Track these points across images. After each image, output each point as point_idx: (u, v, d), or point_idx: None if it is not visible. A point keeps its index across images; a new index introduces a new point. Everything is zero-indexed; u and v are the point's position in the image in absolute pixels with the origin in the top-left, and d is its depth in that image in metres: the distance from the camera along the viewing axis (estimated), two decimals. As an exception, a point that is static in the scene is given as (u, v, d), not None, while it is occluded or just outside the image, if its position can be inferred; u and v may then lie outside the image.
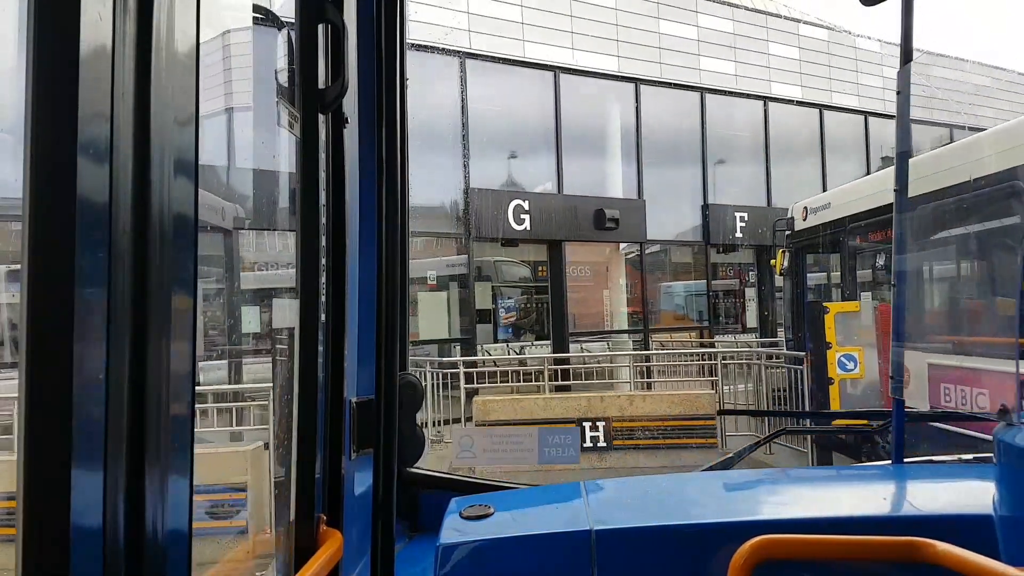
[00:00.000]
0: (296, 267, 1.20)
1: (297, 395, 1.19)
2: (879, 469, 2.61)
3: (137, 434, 0.64)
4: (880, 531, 1.45)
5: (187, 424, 0.73)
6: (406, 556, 1.89)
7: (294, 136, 1.19)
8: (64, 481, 0.56)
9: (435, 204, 12.52)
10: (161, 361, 0.68)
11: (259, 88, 2.29)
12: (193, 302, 0.74)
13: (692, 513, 1.75)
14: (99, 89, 0.59)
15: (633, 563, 1.53)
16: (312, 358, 1.21)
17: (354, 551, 1.41)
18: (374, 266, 1.49)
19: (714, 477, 2.18)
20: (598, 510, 1.67)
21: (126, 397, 0.63)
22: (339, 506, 1.31)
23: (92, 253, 0.58)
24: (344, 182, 1.32)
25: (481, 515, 1.65)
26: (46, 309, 0.56)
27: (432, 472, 2.20)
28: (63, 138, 0.56)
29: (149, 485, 0.65)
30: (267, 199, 7.90)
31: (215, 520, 4.84)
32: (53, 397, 0.56)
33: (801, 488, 2.08)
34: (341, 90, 1.23)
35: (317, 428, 1.22)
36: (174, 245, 0.69)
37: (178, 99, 0.70)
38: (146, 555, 0.65)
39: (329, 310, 1.30)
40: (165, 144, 0.67)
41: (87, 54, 0.57)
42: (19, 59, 0.57)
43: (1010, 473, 1.50)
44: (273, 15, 1.30)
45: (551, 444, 2.19)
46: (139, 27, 0.64)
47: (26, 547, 0.56)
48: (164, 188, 0.67)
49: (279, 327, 2.28)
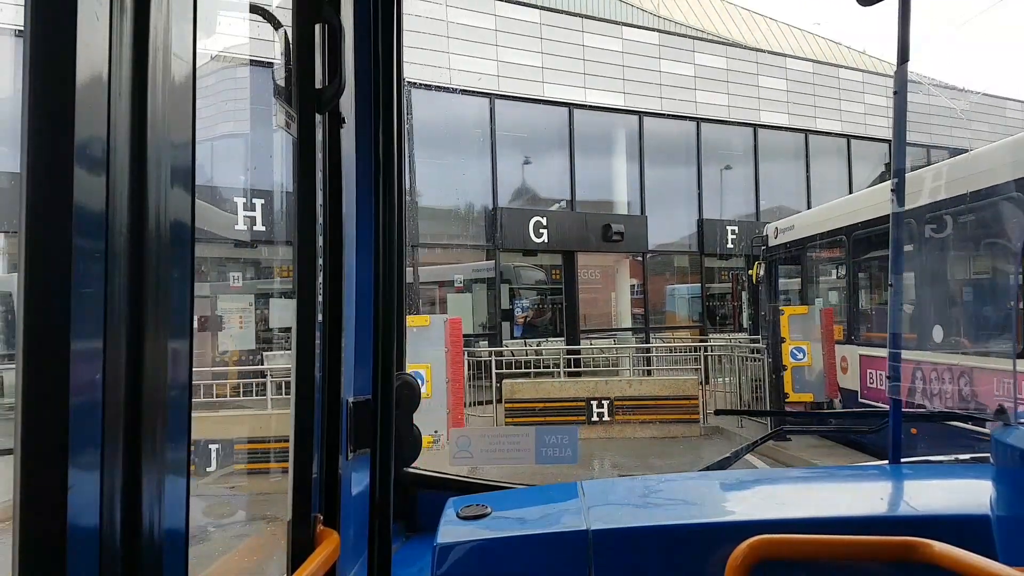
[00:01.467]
0: (293, 267, 1.18)
1: (294, 395, 1.17)
2: (876, 469, 2.60)
3: (133, 434, 0.64)
4: (877, 531, 1.43)
5: (184, 424, 0.72)
6: (403, 556, 1.88)
7: (291, 136, 1.18)
8: (60, 480, 0.56)
9: (468, 219, 14.73)
10: (157, 362, 0.67)
11: (255, 87, 2.20)
12: (190, 303, 0.73)
13: (689, 513, 1.74)
14: (96, 89, 0.59)
15: (630, 563, 1.51)
16: (309, 358, 1.18)
17: (351, 551, 1.39)
18: (371, 266, 1.48)
19: (711, 477, 2.17)
20: (595, 510, 1.65)
21: (122, 397, 0.63)
22: (336, 506, 1.30)
23: (89, 254, 0.58)
24: (341, 182, 1.30)
25: (478, 515, 1.65)
26: (43, 310, 0.56)
27: (429, 472, 2.19)
28: (60, 138, 0.56)
29: (146, 485, 0.65)
30: (267, 198, 7.82)
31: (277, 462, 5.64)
32: (50, 397, 0.56)
33: (798, 488, 2.07)
34: (338, 90, 1.21)
35: (314, 428, 1.20)
36: (171, 246, 0.69)
37: (175, 99, 0.70)
38: (143, 554, 0.65)
39: (326, 310, 1.29)
40: (161, 144, 0.67)
41: (83, 54, 0.57)
42: (16, 59, 0.57)
43: (1007, 473, 1.48)
44: (270, 15, 1.28)
45: (548, 444, 2.13)
46: (136, 27, 0.64)
47: (23, 547, 0.55)
48: (161, 188, 0.67)
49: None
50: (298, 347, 1.17)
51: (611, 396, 10.76)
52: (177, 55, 0.70)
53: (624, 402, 10.74)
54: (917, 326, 4.17)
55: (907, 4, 2.07)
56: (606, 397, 10.74)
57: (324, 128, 1.24)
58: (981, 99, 19.95)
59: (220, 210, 7.76)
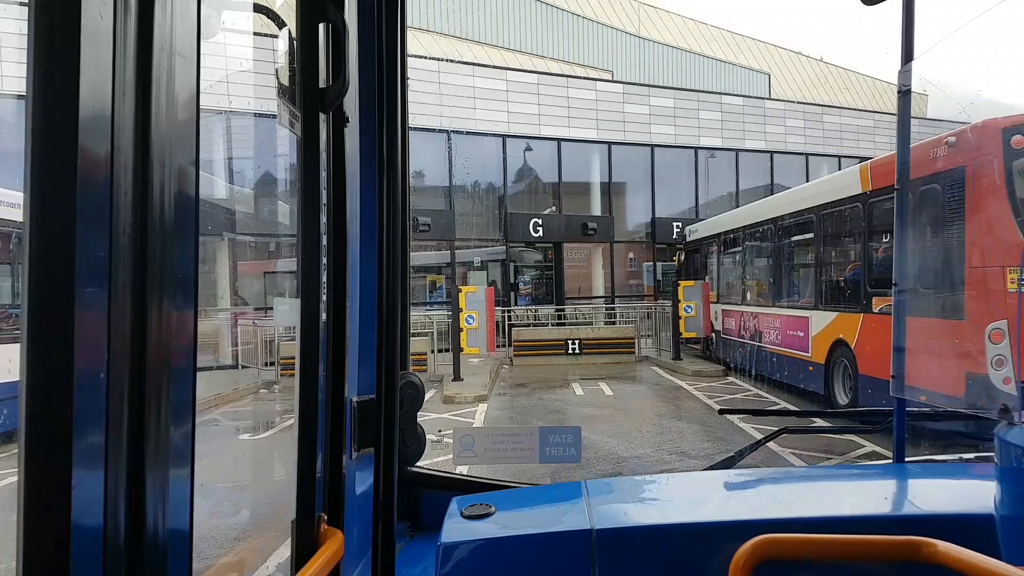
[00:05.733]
0: (297, 266, 1.18)
1: (298, 394, 1.17)
2: (880, 468, 2.62)
3: (138, 432, 0.64)
4: (881, 530, 1.43)
5: (188, 421, 0.73)
6: (407, 555, 1.88)
7: (295, 135, 1.18)
8: (65, 479, 0.56)
9: (486, 221, 21.17)
10: (162, 358, 0.67)
11: (260, 87, 2.43)
12: (194, 299, 0.73)
13: (693, 512, 1.73)
14: (100, 87, 0.59)
15: (634, 562, 1.50)
16: (313, 357, 1.18)
17: (355, 550, 1.39)
18: (375, 265, 1.48)
19: (715, 476, 2.17)
20: (599, 509, 1.64)
21: (126, 395, 0.63)
22: (340, 505, 1.29)
23: (93, 251, 0.58)
24: (345, 181, 1.30)
25: (482, 514, 1.64)
26: (47, 306, 0.56)
27: (433, 471, 2.20)
28: (64, 136, 0.55)
29: (150, 483, 0.65)
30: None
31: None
32: (54, 395, 0.55)
33: (802, 487, 2.06)
34: (342, 89, 1.21)
35: (318, 427, 1.20)
36: (175, 243, 0.69)
37: (179, 97, 0.69)
38: (147, 554, 0.65)
39: (330, 309, 1.28)
40: (165, 141, 0.67)
41: (88, 52, 0.57)
42: (20, 57, 0.56)
43: (1011, 472, 1.47)
44: (274, 14, 1.25)
45: (552, 443, 2.10)
46: (140, 26, 0.64)
47: (27, 546, 0.55)
48: (165, 186, 0.67)
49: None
50: (302, 346, 1.17)
51: (581, 338, 16.90)
52: (181, 54, 0.70)
53: (589, 341, 16.97)
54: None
55: (911, 4, 2.09)
56: (578, 338, 16.98)
57: (328, 127, 1.25)
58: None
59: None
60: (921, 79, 2.19)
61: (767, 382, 12.01)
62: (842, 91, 31.97)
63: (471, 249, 21.34)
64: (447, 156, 19.94)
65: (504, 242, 21.07)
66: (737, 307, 14.27)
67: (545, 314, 19.93)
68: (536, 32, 26.08)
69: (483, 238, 21.10)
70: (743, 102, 24.96)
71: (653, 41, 29.38)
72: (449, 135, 19.49)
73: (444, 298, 19.26)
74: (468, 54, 21.43)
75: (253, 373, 12.80)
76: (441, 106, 18.60)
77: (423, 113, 18.12)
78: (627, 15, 29.10)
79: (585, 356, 16.54)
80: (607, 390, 12.59)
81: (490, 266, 21.76)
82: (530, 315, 20.21)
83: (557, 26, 26.70)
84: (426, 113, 18.26)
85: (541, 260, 22.76)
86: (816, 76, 33.17)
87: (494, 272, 21.67)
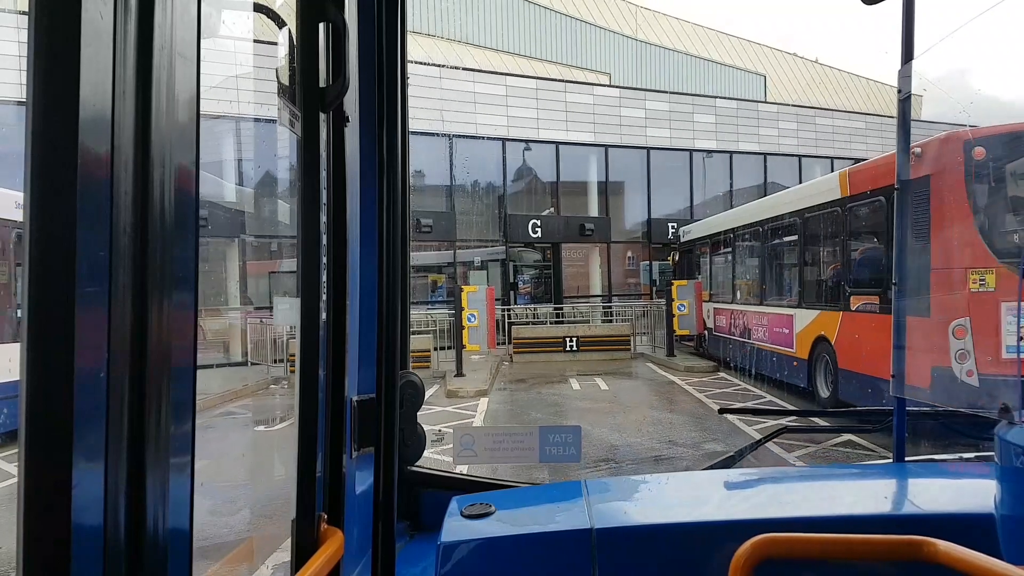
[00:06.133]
0: (297, 265, 1.18)
1: (298, 393, 1.17)
2: (880, 468, 2.59)
3: (138, 432, 0.64)
4: (881, 530, 1.41)
5: (189, 421, 0.73)
6: (407, 555, 1.88)
7: (295, 135, 1.17)
8: (65, 479, 0.55)
9: (486, 222, 21.72)
10: (162, 358, 0.67)
11: (260, 86, 2.36)
12: (194, 299, 0.73)
13: (693, 512, 1.73)
14: (100, 87, 0.59)
15: (634, 562, 1.50)
16: (313, 356, 1.18)
17: (355, 550, 1.39)
18: (375, 264, 1.48)
19: (715, 476, 2.16)
20: (599, 509, 1.64)
21: (126, 395, 0.63)
22: (340, 505, 1.29)
23: (93, 251, 0.58)
24: (345, 181, 1.30)
25: (482, 514, 1.64)
26: (47, 306, 0.56)
27: (433, 471, 2.19)
28: (65, 136, 0.55)
29: (150, 483, 0.65)
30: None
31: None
32: (54, 394, 0.55)
33: (802, 487, 2.06)
34: (342, 89, 1.21)
35: (318, 427, 1.20)
36: (175, 243, 0.69)
37: (179, 97, 0.69)
38: (147, 554, 0.65)
39: (330, 308, 1.28)
40: (166, 141, 0.67)
41: (88, 52, 0.56)
42: (20, 57, 0.56)
43: (1012, 472, 1.47)
44: (274, 14, 1.25)
45: (552, 443, 2.10)
46: (140, 26, 0.64)
47: (27, 545, 0.55)
48: (166, 186, 0.67)
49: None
50: (302, 346, 1.17)
51: (578, 335, 17.37)
52: (181, 54, 0.69)
53: (586, 339, 17.41)
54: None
55: (911, 3, 2.08)
56: (575, 336, 17.47)
57: (328, 127, 1.25)
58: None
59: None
60: (921, 79, 2.20)
61: (755, 377, 12.53)
62: (837, 93, 32.60)
63: (472, 249, 21.90)
64: (448, 159, 20.52)
65: (504, 242, 21.63)
66: (728, 305, 14.85)
67: (544, 312, 20.41)
68: (535, 36, 26.73)
69: (483, 238, 21.65)
70: (737, 105, 25.52)
71: (650, 44, 30.00)
72: (451, 139, 20.06)
73: (445, 297, 19.85)
74: (468, 57, 22.07)
75: (263, 370, 13.33)
76: (443, 111, 19.16)
77: (425, 118, 18.66)
78: (625, 18, 29.71)
79: (582, 353, 16.96)
80: (603, 385, 13.12)
81: (490, 266, 22.30)
82: (529, 313, 20.73)
83: (555, 30, 27.32)
84: (428, 118, 18.81)
85: (540, 260, 23.32)
86: (812, 78, 33.77)
87: (494, 272, 22.20)
